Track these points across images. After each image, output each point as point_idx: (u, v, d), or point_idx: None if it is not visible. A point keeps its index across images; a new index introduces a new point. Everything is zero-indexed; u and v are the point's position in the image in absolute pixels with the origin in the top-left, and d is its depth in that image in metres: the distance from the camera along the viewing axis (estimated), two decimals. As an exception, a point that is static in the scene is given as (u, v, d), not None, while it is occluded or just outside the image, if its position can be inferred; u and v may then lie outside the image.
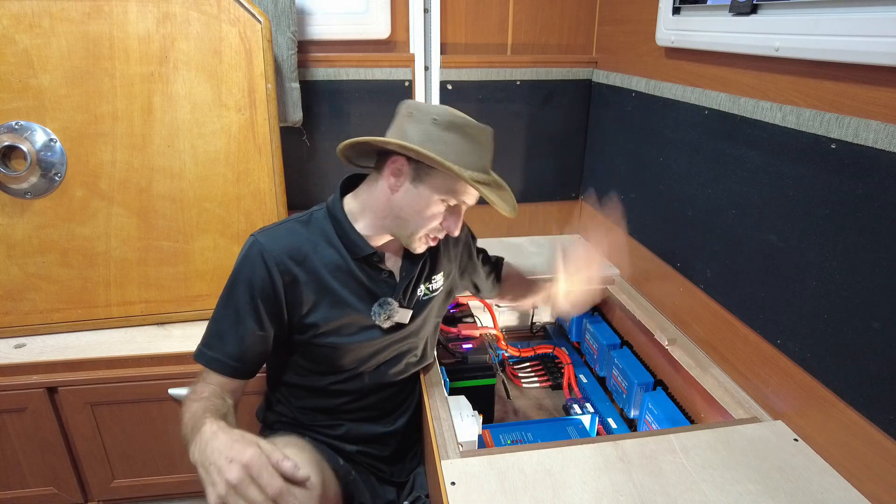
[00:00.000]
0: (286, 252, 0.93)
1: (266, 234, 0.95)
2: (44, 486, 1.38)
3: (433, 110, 0.90)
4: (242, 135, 1.33)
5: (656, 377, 1.42)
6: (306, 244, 0.95)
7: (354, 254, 0.97)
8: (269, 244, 0.93)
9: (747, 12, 1.03)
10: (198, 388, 0.90)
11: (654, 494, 0.85)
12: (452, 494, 0.84)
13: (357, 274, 0.97)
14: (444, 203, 0.93)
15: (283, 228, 0.97)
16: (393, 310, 1.00)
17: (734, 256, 1.13)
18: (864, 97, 0.83)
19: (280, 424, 1.09)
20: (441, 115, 0.89)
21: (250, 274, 0.92)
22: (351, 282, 0.97)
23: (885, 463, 0.83)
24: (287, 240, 0.95)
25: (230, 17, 1.26)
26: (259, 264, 0.92)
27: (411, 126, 0.90)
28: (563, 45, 1.78)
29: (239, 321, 0.93)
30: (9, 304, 1.31)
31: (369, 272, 0.99)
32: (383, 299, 1.00)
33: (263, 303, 0.92)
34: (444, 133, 0.88)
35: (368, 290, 0.99)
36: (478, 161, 0.91)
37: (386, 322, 1.01)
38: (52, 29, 1.19)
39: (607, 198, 1.71)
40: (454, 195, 0.93)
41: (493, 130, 0.94)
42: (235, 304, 0.93)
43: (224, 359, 0.93)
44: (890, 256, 0.80)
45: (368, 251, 0.97)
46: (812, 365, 0.95)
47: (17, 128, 1.22)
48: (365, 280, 0.98)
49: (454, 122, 0.89)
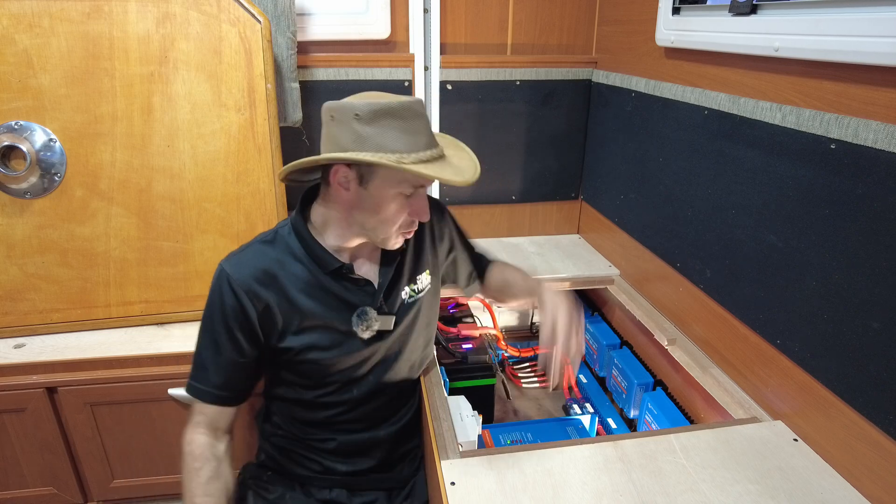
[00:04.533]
0: (253, 277, 0.91)
1: (232, 262, 0.93)
2: (43, 486, 1.38)
3: (353, 106, 0.83)
4: (242, 135, 1.33)
5: (656, 377, 1.42)
6: (274, 265, 0.93)
7: (324, 268, 0.95)
8: (235, 273, 0.91)
9: (747, 12, 1.03)
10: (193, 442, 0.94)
11: (654, 494, 0.85)
12: (452, 495, 0.84)
13: (330, 287, 0.95)
14: (401, 195, 0.89)
15: (248, 252, 0.95)
16: (371, 319, 0.98)
17: (734, 256, 1.13)
18: (864, 97, 0.83)
19: (277, 438, 1.09)
20: (361, 108, 0.82)
21: (221, 304, 0.92)
22: (324, 296, 0.96)
23: (885, 463, 0.83)
24: (253, 264, 0.93)
25: (230, 17, 1.26)
26: (228, 294, 0.91)
27: (336, 129, 0.86)
28: (562, 45, 1.78)
29: (218, 352, 0.93)
30: (8, 305, 1.31)
31: (343, 283, 0.97)
32: (361, 309, 0.97)
33: (240, 331, 0.92)
34: (370, 127, 0.83)
35: (345, 301, 0.97)
36: (416, 140, 0.85)
37: (366, 332, 0.98)
38: (52, 29, 1.19)
39: (607, 198, 1.71)
40: (408, 184, 0.88)
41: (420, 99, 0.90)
42: (213, 335, 0.93)
43: (211, 389, 0.94)
44: (890, 256, 0.80)
45: (336, 265, 0.94)
46: (812, 365, 0.95)
47: (17, 128, 1.22)
48: (340, 291, 0.96)
49: (377, 111, 0.82)
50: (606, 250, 1.76)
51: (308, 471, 1.08)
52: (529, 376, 1.69)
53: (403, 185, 0.88)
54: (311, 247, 0.94)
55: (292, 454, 1.08)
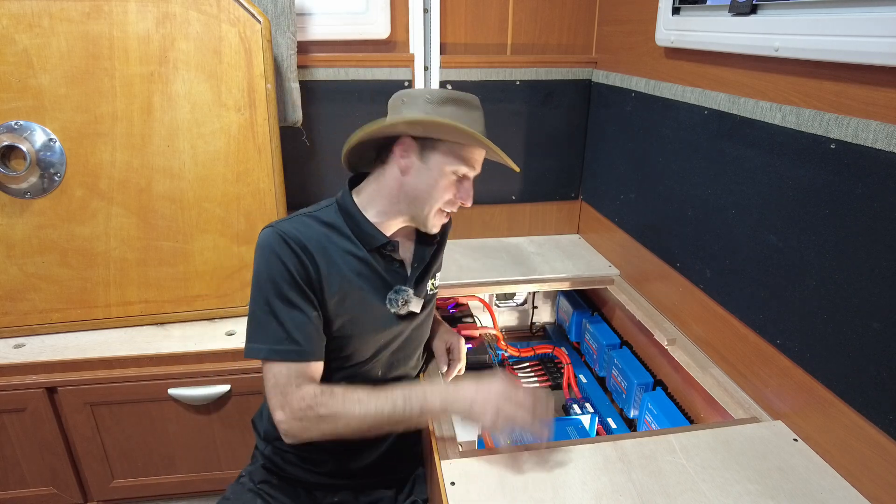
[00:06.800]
0: (308, 241, 0.93)
1: (283, 226, 0.93)
2: (43, 486, 1.38)
3: (424, 92, 0.95)
4: (242, 135, 1.33)
5: (656, 377, 1.42)
6: (322, 236, 0.96)
7: (368, 245, 0.98)
8: (290, 232, 0.92)
9: (747, 12, 1.03)
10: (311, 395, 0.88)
11: (654, 494, 0.85)
12: (452, 494, 0.84)
13: (372, 264, 0.99)
14: (454, 174, 0.96)
15: (296, 221, 0.96)
16: (409, 296, 1.02)
17: (734, 256, 1.13)
18: (864, 97, 0.83)
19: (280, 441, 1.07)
20: (432, 93, 0.94)
21: (281, 263, 0.90)
22: (367, 272, 0.99)
23: (885, 463, 0.83)
24: (303, 231, 0.94)
25: (230, 17, 1.26)
26: (287, 251, 0.90)
27: (408, 109, 0.94)
28: (562, 45, 1.78)
29: (294, 308, 0.90)
30: (8, 305, 1.31)
31: (382, 262, 1.01)
32: (398, 286, 1.02)
33: (307, 286, 0.91)
34: (440, 107, 0.93)
35: (383, 279, 1.01)
36: (476, 126, 0.94)
37: (403, 308, 1.02)
38: (52, 29, 1.19)
39: (607, 198, 1.71)
40: (463, 162, 0.96)
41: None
42: (281, 295, 0.89)
43: (297, 348, 0.90)
44: (890, 256, 0.80)
45: (383, 241, 0.99)
46: (812, 365, 0.95)
47: (17, 128, 1.22)
48: (380, 270, 1.00)
49: (446, 97, 0.94)
50: (606, 250, 1.76)
51: (311, 474, 1.07)
52: (529, 376, 1.69)
53: (459, 162, 0.95)
54: (358, 223, 0.98)
55: (294, 457, 1.08)
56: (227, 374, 1.33)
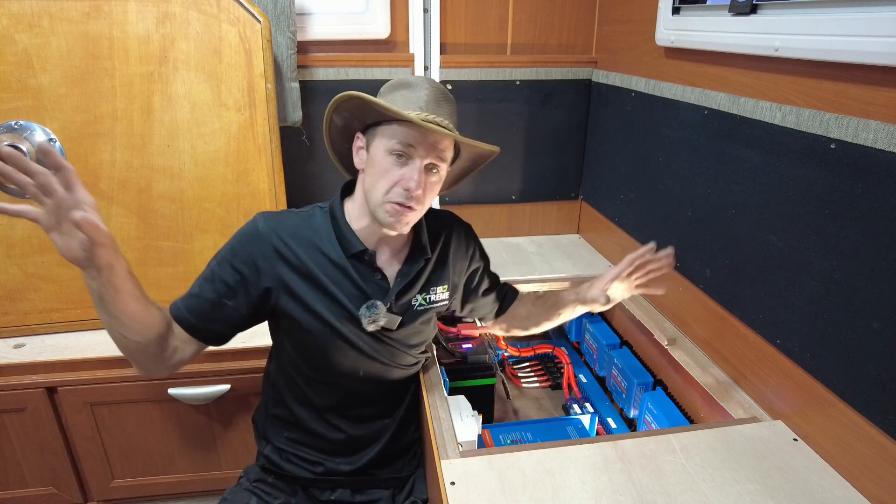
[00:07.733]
0: (290, 233, 0.97)
1: (272, 215, 0.99)
2: (43, 486, 1.38)
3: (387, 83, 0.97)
4: (242, 135, 1.33)
5: (656, 377, 1.42)
6: (311, 235, 0.98)
7: (347, 250, 0.98)
8: (275, 221, 0.98)
9: (747, 12, 1.03)
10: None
11: (654, 494, 0.85)
12: (452, 494, 0.84)
13: (350, 272, 0.98)
14: (390, 153, 0.91)
15: (287, 215, 1.01)
16: (379, 314, 0.98)
17: (734, 256, 1.13)
18: (864, 97, 0.83)
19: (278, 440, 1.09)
20: (390, 83, 0.96)
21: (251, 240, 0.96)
22: (343, 279, 0.98)
23: (885, 463, 0.83)
24: (292, 223, 0.99)
25: (230, 16, 1.26)
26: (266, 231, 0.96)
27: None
28: (562, 45, 1.78)
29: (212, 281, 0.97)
30: (8, 304, 1.31)
31: (363, 271, 0.99)
32: (371, 302, 0.98)
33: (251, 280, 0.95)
34: (388, 95, 0.94)
35: (361, 289, 0.99)
36: (416, 103, 0.91)
37: (370, 325, 0.99)
38: (52, 29, 1.19)
39: (607, 197, 1.71)
40: (395, 138, 0.90)
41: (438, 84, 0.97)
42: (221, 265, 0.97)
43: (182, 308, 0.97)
44: (890, 256, 0.80)
45: (360, 248, 0.98)
46: (812, 365, 0.95)
47: (17, 128, 1.22)
48: (358, 279, 0.98)
49: (395, 83, 0.95)
50: (606, 250, 1.76)
51: (309, 473, 1.08)
52: (529, 376, 1.69)
53: (394, 141, 0.90)
54: (340, 228, 0.99)
55: (292, 456, 1.08)
56: (227, 374, 1.33)
